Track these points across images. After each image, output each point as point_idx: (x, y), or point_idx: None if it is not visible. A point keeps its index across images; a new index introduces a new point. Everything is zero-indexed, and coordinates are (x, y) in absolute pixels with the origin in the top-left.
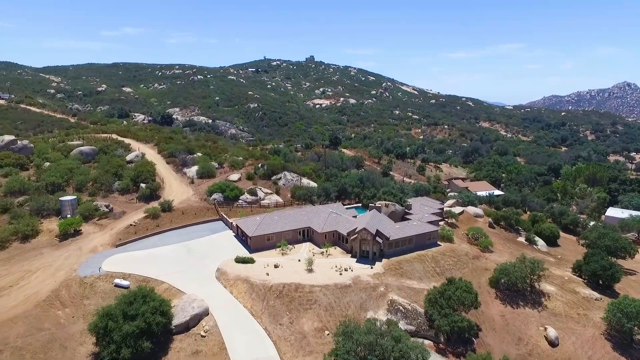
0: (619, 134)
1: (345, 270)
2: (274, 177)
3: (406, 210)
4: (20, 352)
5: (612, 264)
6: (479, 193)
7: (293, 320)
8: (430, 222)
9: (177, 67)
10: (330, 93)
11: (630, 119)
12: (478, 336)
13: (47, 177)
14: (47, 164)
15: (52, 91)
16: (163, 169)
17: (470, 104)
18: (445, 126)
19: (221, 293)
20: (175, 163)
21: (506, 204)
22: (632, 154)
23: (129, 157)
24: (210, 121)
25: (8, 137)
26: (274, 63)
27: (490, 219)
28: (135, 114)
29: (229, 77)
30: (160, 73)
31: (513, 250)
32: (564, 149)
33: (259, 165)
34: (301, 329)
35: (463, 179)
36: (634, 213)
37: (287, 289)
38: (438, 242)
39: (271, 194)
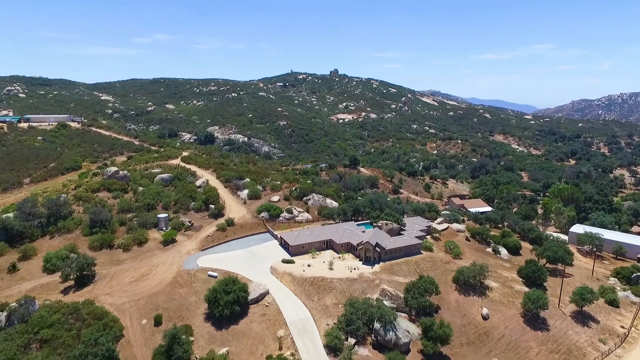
0: (633, 146)
1: (354, 269)
2: (304, 198)
3: (401, 227)
4: (167, 311)
5: (541, 268)
6: (472, 210)
7: (320, 298)
8: (418, 237)
9: (213, 83)
10: (353, 107)
11: None
12: (437, 312)
13: (143, 199)
14: (141, 188)
15: (110, 111)
16: (223, 192)
17: (487, 115)
18: (459, 140)
19: (275, 282)
20: (231, 187)
21: (488, 221)
22: (639, 167)
23: (197, 183)
24: (246, 139)
25: (113, 169)
26: (300, 77)
27: (467, 234)
28: (183, 134)
29: (260, 93)
30: (197, 90)
31: (478, 258)
32: (572, 162)
33: (293, 188)
34: (325, 303)
35: (461, 197)
36: (591, 229)
37: (316, 280)
38: (421, 251)
39: (303, 212)
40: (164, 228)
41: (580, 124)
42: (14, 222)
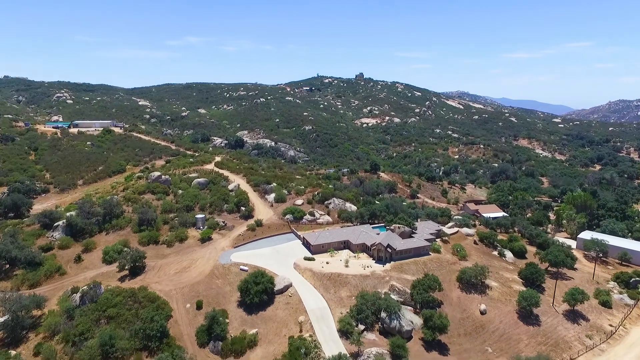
0: None
1: (367, 267)
2: (326, 202)
3: (412, 230)
4: (206, 298)
5: (539, 270)
6: (486, 215)
7: (336, 291)
8: (427, 240)
9: (242, 88)
10: (377, 112)
11: None
12: (440, 307)
13: (183, 201)
14: (180, 191)
15: (147, 116)
16: (252, 195)
17: (513, 119)
18: (481, 145)
19: (297, 276)
20: (259, 191)
21: (499, 226)
22: None
23: (230, 187)
24: (273, 144)
25: (156, 173)
26: (326, 80)
27: (476, 238)
28: (214, 138)
29: (287, 97)
30: (227, 94)
31: (483, 260)
32: (598, 168)
33: (316, 193)
34: (340, 295)
35: (476, 202)
36: (598, 236)
37: (333, 275)
38: (430, 252)
39: (324, 215)
40: (201, 227)
41: (610, 128)
42: (76, 219)
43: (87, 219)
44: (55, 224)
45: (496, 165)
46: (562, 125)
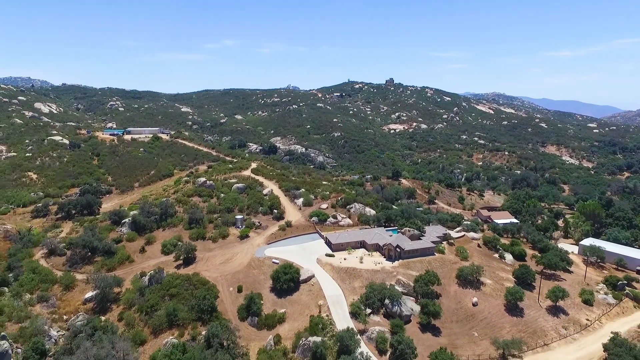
0: None
1: (379, 263)
2: (348, 206)
3: (421, 233)
4: (245, 284)
5: (529, 271)
6: (498, 221)
7: (351, 282)
8: (434, 242)
9: (276, 94)
10: (405, 117)
11: None
12: (438, 298)
13: (225, 204)
14: (222, 195)
15: (190, 123)
16: (283, 199)
17: (543, 125)
18: (506, 152)
19: (319, 269)
20: (289, 196)
21: (506, 231)
22: None
23: (264, 192)
24: (304, 150)
25: (202, 179)
26: (357, 86)
27: (480, 241)
28: (250, 144)
29: (318, 104)
30: (262, 101)
31: (484, 261)
32: (626, 176)
33: (339, 198)
34: (353, 285)
35: (489, 209)
36: (599, 243)
37: (349, 269)
38: (434, 253)
39: (345, 218)
40: (240, 226)
41: None
42: (139, 217)
43: (147, 217)
44: (122, 221)
45: (518, 172)
46: (597, 131)
